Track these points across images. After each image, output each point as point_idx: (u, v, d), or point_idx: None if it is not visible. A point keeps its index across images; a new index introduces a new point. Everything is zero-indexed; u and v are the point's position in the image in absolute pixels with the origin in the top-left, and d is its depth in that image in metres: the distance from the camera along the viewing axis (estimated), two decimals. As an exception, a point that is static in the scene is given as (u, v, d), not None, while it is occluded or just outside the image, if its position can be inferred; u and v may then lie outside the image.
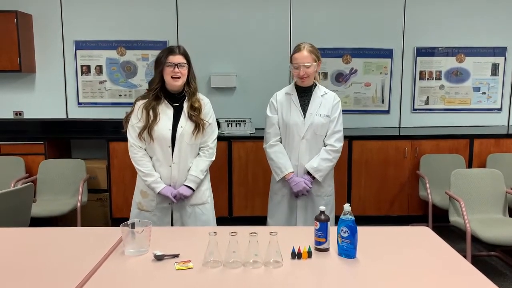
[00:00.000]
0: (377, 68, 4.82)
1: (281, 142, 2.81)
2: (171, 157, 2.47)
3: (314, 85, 2.79)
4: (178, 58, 2.40)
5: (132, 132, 2.48)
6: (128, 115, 2.51)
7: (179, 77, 2.41)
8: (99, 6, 4.65)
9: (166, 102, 2.48)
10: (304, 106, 2.76)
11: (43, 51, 4.68)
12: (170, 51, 2.42)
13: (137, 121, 2.46)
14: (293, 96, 2.77)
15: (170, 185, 2.49)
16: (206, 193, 2.60)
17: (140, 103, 2.47)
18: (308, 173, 2.74)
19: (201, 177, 2.50)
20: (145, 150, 2.50)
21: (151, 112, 2.43)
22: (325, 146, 2.78)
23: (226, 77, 4.68)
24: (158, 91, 2.46)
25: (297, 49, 2.70)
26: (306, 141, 2.74)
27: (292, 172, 2.74)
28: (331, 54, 4.78)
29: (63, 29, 4.67)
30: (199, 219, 2.55)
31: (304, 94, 2.77)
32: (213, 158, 2.58)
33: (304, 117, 2.73)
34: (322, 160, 2.73)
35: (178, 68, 2.39)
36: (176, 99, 2.49)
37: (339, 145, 2.78)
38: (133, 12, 4.66)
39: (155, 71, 2.47)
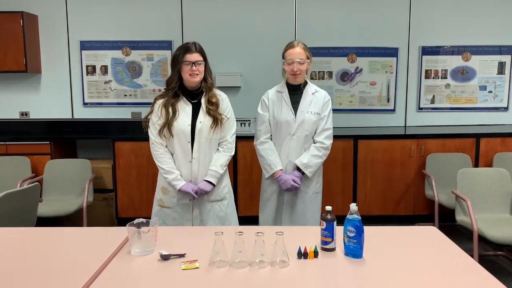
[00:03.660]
0: (383, 67, 4.80)
1: (271, 140, 2.83)
2: (190, 153, 2.49)
3: (304, 83, 2.81)
4: (195, 56, 2.42)
5: (153, 130, 2.52)
6: (148, 115, 2.55)
7: (197, 74, 2.43)
8: (104, 6, 4.66)
9: (185, 99, 2.51)
10: (295, 103, 2.79)
11: (49, 52, 4.70)
12: (187, 49, 2.43)
13: (157, 119, 2.49)
14: (284, 94, 2.81)
15: (190, 181, 2.51)
16: (224, 190, 2.61)
17: (160, 102, 2.51)
18: (298, 169, 2.75)
19: (220, 172, 2.52)
20: (166, 147, 2.52)
21: (170, 109, 2.46)
22: (314, 143, 2.79)
23: (230, 76, 4.69)
24: (177, 89, 2.49)
25: (291, 45, 2.75)
26: (296, 138, 2.77)
27: (281, 169, 2.77)
28: (336, 53, 4.76)
29: (69, 29, 4.69)
30: (217, 215, 2.57)
31: (295, 92, 2.80)
32: (232, 153, 2.59)
33: (295, 115, 2.75)
34: (312, 156, 2.75)
35: (195, 66, 2.41)
36: (194, 95, 2.52)
37: (329, 142, 2.81)
38: (138, 12, 4.67)
39: (173, 70, 2.49)
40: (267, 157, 2.79)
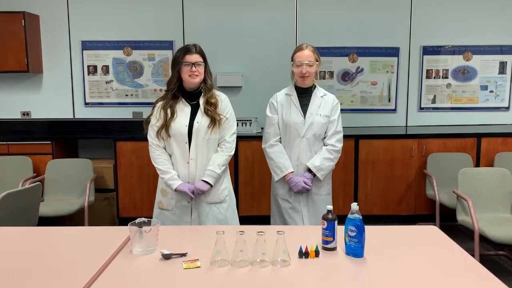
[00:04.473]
0: (384, 67, 4.80)
1: (280, 142, 2.83)
2: (188, 154, 2.49)
3: (313, 86, 2.81)
4: (195, 57, 2.43)
5: (151, 132, 2.54)
6: (149, 117, 2.56)
7: (197, 75, 2.44)
8: (105, 6, 4.67)
9: (184, 100, 2.52)
10: (304, 106, 2.79)
11: (50, 52, 4.71)
12: (187, 50, 2.44)
13: (156, 121, 2.51)
14: (292, 97, 2.80)
15: (188, 182, 2.50)
16: (224, 192, 2.60)
17: (159, 104, 2.53)
18: (309, 171, 2.75)
19: (218, 171, 2.50)
20: (165, 149, 2.54)
21: (168, 111, 2.47)
22: (325, 146, 2.80)
23: (232, 76, 4.69)
24: (176, 91, 2.50)
25: (300, 48, 2.75)
26: (306, 140, 2.77)
27: (292, 172, 2.76)
28: (337, 53, 4.77)
29: (70, 29, 4.70)
30: (216, 218, 2.55)
31: (304, 95, 2.80)
32: (231, 153, 2.58)
33: (304, 117, 2.75)
34: (324, 159, 2.76)
35: (195, 67, 2.42)
36: (193, 96, 2.52)
37: (340, 145, 2.82)
38: (139, 12, 4.68)
39: (172, 71, 2.50)
40: (277, 160, 2.78)
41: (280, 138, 2.83)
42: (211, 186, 2.51)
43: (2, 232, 2.10)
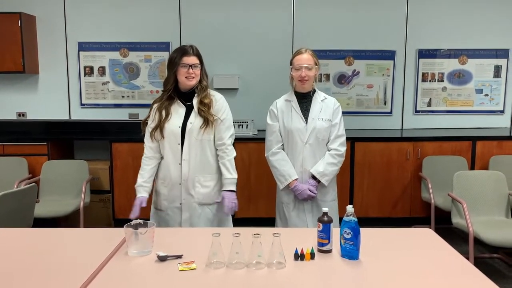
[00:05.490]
0: (380, 70, 4.82)
1: (283, 149, 2.80)
2: (180, 155, 2.48)
3: (313, 91, 2.80)
4: (192, 59, 2.43)
5: (146, 133, 2.55)
6: (146, 118, 2.57)
7: (193, 77, 2.44)
8: (102, 7, 4.67)
9: (179, 101, 2.51)
10: (305, 111, 2.75)
11: (47, 53, 4.70)
12: (184, 52, 2.43)
13: (150, 123, 2.52)
14: (293, 103, 2.77)
15: (180, 184, 2.49)
16: (217, 193, 2.58)
17: (156, 106, 2.53)
18: (313, 177, 2.73)
19: (235, 176, 2.52)
20: (158, 150, 2.54)
21: (163, 112, 2.47)
22: (329, 151, 2.77)
23: (228, 78, 4.70)
24: (172, 92, 2.49)
25: (299, 52, 2.73)
26: (309, 146, 2.73)
27: (296, 179, 2.73)
28: (333, 56, 4.78)
29: (67, 30, 4.69)
30: (208, 219, 2.55)
31: (304, 100, 2.77)
32: (234, 154, 2.57)
33: (306, 123, 2.73)
34: (328, 164, 2.72)
35: (192, 69, 2.42)
36: (188, 97, 2.51)
37: (343, 149, 2.78)
38: (136, 13, 4.68)
39: (169, 72, 2.49)
40: (281, 168, 2.74)
41: (283, 145, 2.79)
42: (235, 191, 2.51)
43: (-3, 233, 2.09)
